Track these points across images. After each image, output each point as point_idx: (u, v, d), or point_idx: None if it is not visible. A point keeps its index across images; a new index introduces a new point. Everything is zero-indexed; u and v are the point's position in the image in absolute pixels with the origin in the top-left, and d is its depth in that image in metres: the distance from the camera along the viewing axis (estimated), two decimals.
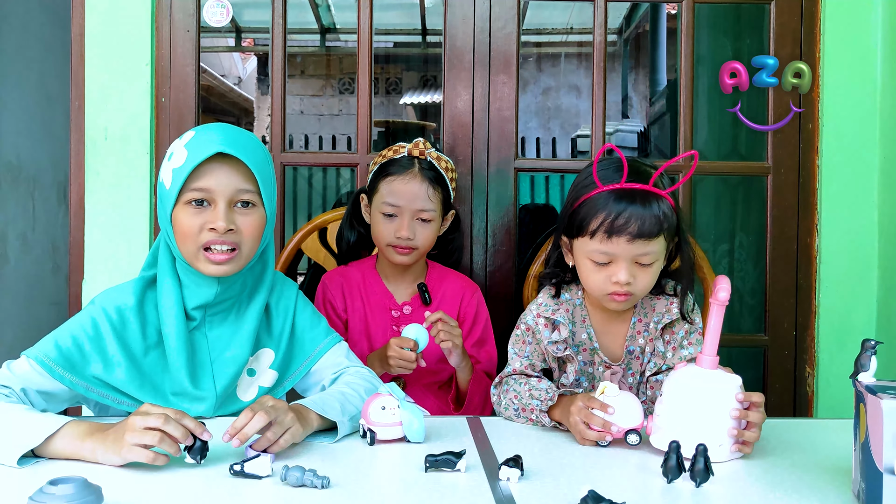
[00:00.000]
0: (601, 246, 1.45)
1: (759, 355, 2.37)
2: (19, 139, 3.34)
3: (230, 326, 1.45)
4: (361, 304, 1.89)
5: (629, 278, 1.45)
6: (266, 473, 1.13)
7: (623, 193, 1.46)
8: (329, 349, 1.55)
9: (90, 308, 1.41)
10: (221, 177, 1.36)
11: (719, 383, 1.29)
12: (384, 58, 9.37)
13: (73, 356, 1.36)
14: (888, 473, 0.97)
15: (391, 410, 1.30)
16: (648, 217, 1.44)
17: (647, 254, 1.46)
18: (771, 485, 1.16)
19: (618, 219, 1.43)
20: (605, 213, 1.45)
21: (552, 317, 1.56)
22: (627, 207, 1.44)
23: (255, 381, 1.48)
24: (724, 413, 1.27)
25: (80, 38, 2.21)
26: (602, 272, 1.47)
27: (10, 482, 1.11)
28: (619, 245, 1.44)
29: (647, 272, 1.48)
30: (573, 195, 1.54)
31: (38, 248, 3.51)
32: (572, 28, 7.66)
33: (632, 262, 1.46)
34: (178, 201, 1.36)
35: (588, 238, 1.47)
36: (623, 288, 1.46)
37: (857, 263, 2.27)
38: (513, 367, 1.58)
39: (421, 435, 1.31)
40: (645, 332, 1.57)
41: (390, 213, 1.82)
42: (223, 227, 1.34)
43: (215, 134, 1.36)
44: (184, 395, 1.40)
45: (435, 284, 1.91)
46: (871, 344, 1.14)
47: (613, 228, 1.43)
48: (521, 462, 1.15)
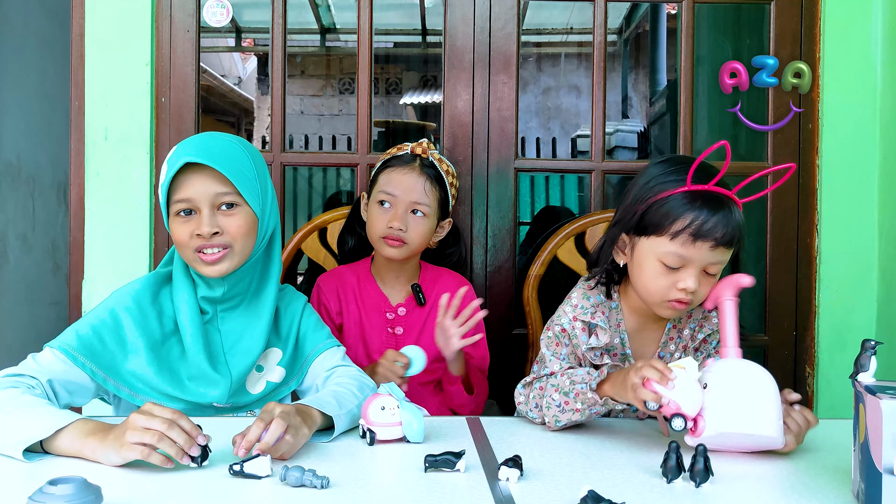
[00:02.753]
0: (681, 249, 1.37)
1: (759, 355, 2.36)
2: (19, 139, 3.34)
3: (242, 320, 1.51)
4: (356, 307, 1.89)
5: (696, 286, 1.38)
6: (266, 473, 1.12)
7: (710, 197, 1.37)
8: (326, 350, 1.59)
9: (108, 302, 1.48)
10: (198, 185, 1.43)
11: (753, 368, 1.28)
12: (384, 58, 9.37)
13: (93, 344, 1.42)
14: (887, 474, 0.97)
15: (391, 410, 1.30)
16: (733, 224, 1.37)
17: (719, 262, 1.39)
18: (770, 485, 1.16)
19: (707, 223, 1.35)
20: (694, 214, 1.36)
21: (590, 320, 1.49)
22: (717, 212, 1.36)
23: (263, 377, 1.53)
24: (767, 389, 1.25)
25: (80, 38, 2.21)
26: (669, 277, 1.39)
27: (10, 482, 1.11)
28: (701, 250, 1.36)
29: (711, 281, 1.40)
30: (644, 191, 1.43)
31: (38, 248, 3.51)
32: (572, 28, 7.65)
33: (702, 269, 1.39)
34: (169, 214, 1.45)
35: (667, 239, 1.37)
36: (688, 296, 1.39)
37: (857, 263, 2.27)
38: (550, 369, 1.49)
39: (421, 435, 1.31)
40: (678, 339, 1.52)
41: (385, 203, 1.83)
42: (207, 233, 1.41)
43: (188, 145, 1.44)
44: (200, 379, 1.45)
45: (429, 285, 1.91)
46: (871, 344, 1.14)
47: (701, 232, 1.35)
48: (520, 462, 1.15)
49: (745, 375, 1.27)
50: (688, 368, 1.26)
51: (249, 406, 1.52)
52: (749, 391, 1.26)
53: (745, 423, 1.23)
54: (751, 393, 1.25)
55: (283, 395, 1.56)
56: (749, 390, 1.26)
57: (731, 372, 1.28)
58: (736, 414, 1.24)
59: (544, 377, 1.48)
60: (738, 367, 1.29)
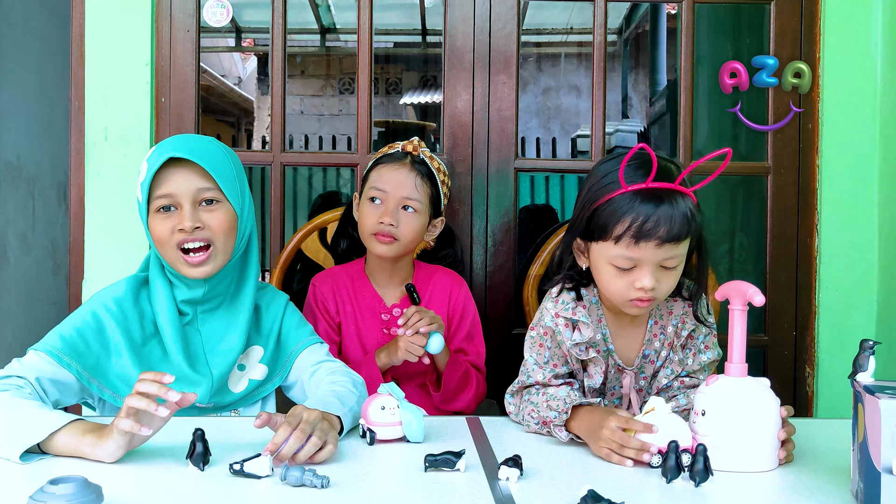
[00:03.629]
0: (626, 251, 1.35)
1: (759, 355, 2.36)
2: (19, 139, 3.34)
3: (221, 320, 1.52)
4: (352, 308, 1.89)
5: (654, 284, 1.36)
6: (266, 473, 1.13)
7: (650, 194, 1.34)
8: (310, 345, 1.60)
9: (89, 304, 1.48)
10: (180, 180, 1.43)
11: (757, 392, 1.24)
12: (384, 58, 9.37)
13: (77, 345, 1.41)
14: (886, 473, 0.97)
15: (391, 410, 1.31)
16: (678, 219, 1.33)
17: (673, 257, 1.36)
18: (770, 484, 1.16)
19: (647, 223, 1.32)
20: (633, 216, 1.33)
21: (573, 316, 1.46)
22: (656, 210, 1.33)
23: (245, 375, 1.54)
24: (769, 421, 1.23)
25: (80, 38, 2.21)
26: (625, 278, 1.38)
27: (10, 481, 1.11)
28: (647, 250, 1.34)
29: (671, 276, 1.39)
30: (590, 196, 1.42)
31: (38, 248, 3.52)
32: (572, 28, 7.65)
33: (657, 266, 1.36)
34: (149, 211, 1.45)
35: (612, 243, 1.36)
36: (647, 294, 1.37)
37: (857, 263, 2.27)
38: (535, 378, 1.47)
39: (420, 435, 1.31)
40: (661, 335, 1.50)
41: (376, 199, 1.83)
42: (190, 226, 1.42)
43: (168, 143, 1.46)
44: (181, 380, 1.44)
45: (423, 283, 1.91)
46: (870, 344, 1.14)
47: (642, 233, 1.33)
48: (520, 462, 1.15)
49: (746, 404, 1.23)
50: (658, 409, 1.25)
51: (232, 405, 1.53)
52: (748, 426, 1.22)
53: (741, 461, 1.21)
54: (750, 427, 1.22)
55: (267, 393, 1.58)
56: (748, 425, 1.22)
57: (731, 400, 1.23)
58: (733, 452, 1.21)
59: (529, 388, 1.49)
60: (739, 392, 1.24)
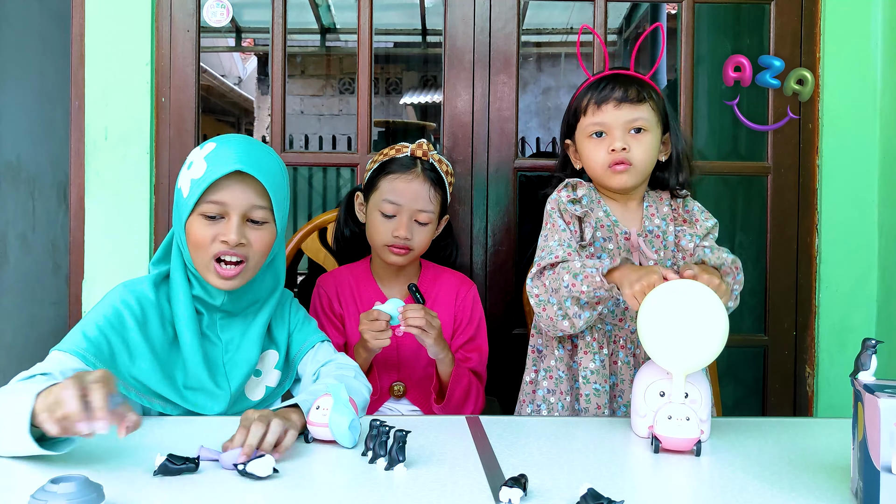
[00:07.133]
0: (593, 118, 1.63)
1: (759, 355, 2.37)
2: (19, 139, 3.34)
3: (240, 329, 1.50)
4: (356, 308, 1.88)
5: (624, 144, 1.60)
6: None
7: (608, 75, 1.66)
8: (315, 344, 1.59)
9: (112, 299, 1.44)
10: (237, 192, 1.40)
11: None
12: (384, 58, 9.38)
13: (101, 345, 1.39)
14: (885, 472, 0.97)
15: (324, 411, 1.26)
16: (631, 85, 1.63)
17: (637, 119, 1.61)
18: (769, 483, 1.16)
19: (604, 89, 1.63)
20: (593, 90, 1.64)
21: (574, 193, 1.66)
22: (611, 81, 1.64)
23: (262, 381, 1.53)
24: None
25: (80, 38, 2.21)
26: (601, 146, 1.62)
27: (11, 481, 1.11)
28: (608, 112, 1.62)
29: (641, 141, 1.62)
30: (569, 105, 1.72)
31: (38, 248, 3.51)
32: (572, 28, 7.66)
33: (625, 130, 1.61)
34: (193, 211, 1.41)
35: (582, 117, 1.65)
36: (620, 154, 1.58)
37: (857, 263, 2.27)
38: (555, 254, 1.59)
39: (347, 439, 1.25)
40: (658, 216, 1.67)
41: (390, 214, 1.82)
42: (234, 241, 1.39)
43: (235, 150, 1.40)
44: (201, 391, 1.44)
45: (429, 285, 1.91)
46: (872, 343, 1.15)
47: (601, 97, 1.62)
48: (524, 482, 1.06)
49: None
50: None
51: None
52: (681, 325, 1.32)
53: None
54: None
55: (278, 397, 1.56)
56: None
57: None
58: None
59: (550, 265, 1.57)
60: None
